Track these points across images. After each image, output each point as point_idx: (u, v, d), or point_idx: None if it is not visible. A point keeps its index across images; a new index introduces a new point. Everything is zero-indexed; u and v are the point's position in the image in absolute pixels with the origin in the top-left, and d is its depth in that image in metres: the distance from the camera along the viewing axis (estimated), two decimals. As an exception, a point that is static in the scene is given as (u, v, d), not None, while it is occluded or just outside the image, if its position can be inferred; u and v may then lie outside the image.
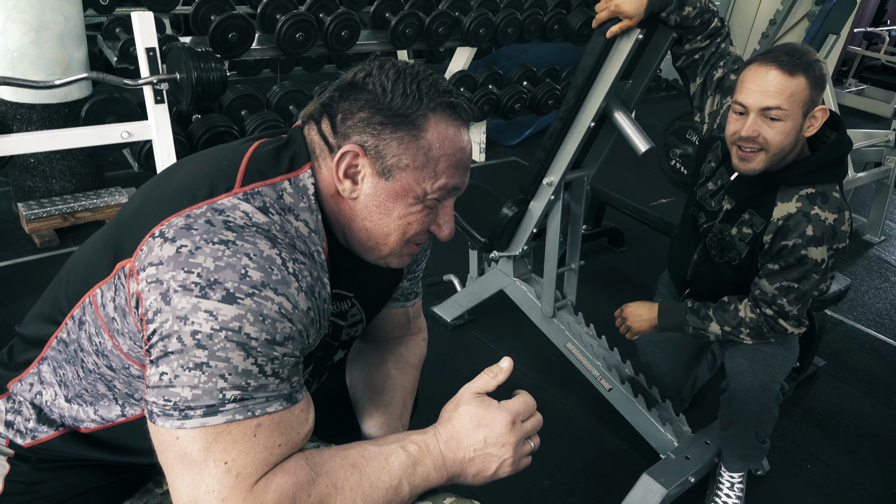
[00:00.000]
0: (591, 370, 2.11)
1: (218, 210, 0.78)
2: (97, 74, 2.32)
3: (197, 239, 0.75)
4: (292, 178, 0.85)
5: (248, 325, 0.73)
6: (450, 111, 0.86)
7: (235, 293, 0.73)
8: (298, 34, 3.14)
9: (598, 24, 1.78)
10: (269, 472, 0.76)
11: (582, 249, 2.28)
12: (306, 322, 0.80)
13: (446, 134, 0.86)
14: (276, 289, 0.76)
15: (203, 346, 0.73)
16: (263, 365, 0.75)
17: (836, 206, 1.55)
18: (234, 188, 0.81)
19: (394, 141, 0.84)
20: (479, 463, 0.88)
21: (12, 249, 2.80)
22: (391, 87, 0.84)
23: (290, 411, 0.80)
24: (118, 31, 3.24)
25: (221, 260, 0.74)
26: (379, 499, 0.82)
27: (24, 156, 2.80)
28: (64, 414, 0.94)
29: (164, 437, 0.76)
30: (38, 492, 0.95)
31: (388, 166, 0.85)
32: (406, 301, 1.19)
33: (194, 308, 0.73)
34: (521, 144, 4.63)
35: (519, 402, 0.90)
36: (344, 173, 0.86)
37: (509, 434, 0.87)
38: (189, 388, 0.73)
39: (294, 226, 0.83)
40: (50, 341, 0.92)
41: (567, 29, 4.23)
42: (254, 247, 0.76)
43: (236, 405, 0.75)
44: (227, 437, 0.74)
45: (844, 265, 3.57)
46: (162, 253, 0.75)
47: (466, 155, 0.90)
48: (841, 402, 2.49)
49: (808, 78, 1.47)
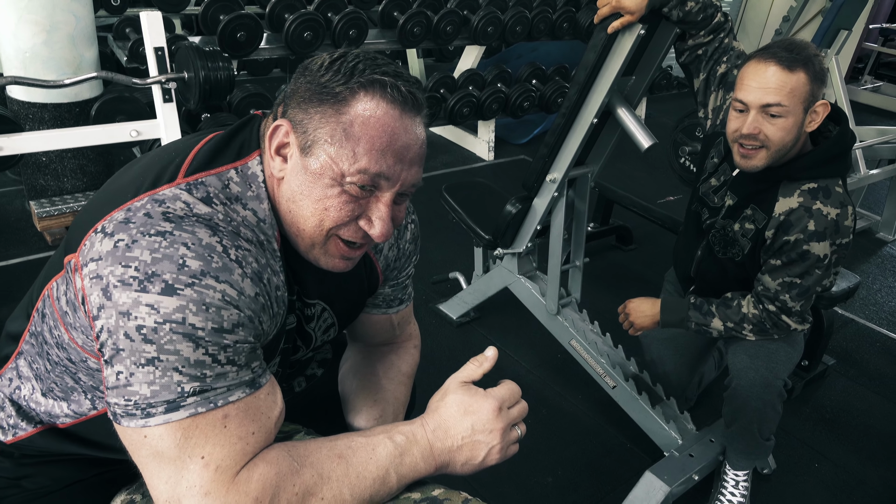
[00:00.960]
0: (596, 367, 2.10)
1: (158, 201, 0.77)
2: (107, 74, 2.35)
3: (134, 232, 0.74)
4: (239, 167, 0.84)
5: (192, 316, 0.72)
6: (381, 91, 0.80)
7: (175, 284, 0.72)
8: (307, 33, 3.16)
9: (599, 20, 1.78)
10: (251, 463, 0.76)
11: (590, 247, 2.27)
12: (255, 308, 0.78)
13: (373, 113, 0.79)
14: (218, 276, 0.74)
15: (150, 340, 0.72)
16: (216, 354, 0.74)
17: (839, 200, 1.54)
18: (178, 178, 0.80)
19: (317, 115, 0.80)
20: (468, 451, 0.87)
21: (25, 247, 2.84)
22: (328, 64, 0.82)
23: (256, 397, 0.79)
24: (128, 31, 3.27)
25: (158, 252, 0.73)
26: (366, 489, 0.82)
27: (36, 155, 2.83)
28: (41, 409, 0.94)
29: (132, 436, 0.75)
30: (22, 486, 0.96)
31: (308, 141, 0.81)
32: (388, 308, 1.15)
33: (135, 303, 0.72)
34: (530, 143, 4.62)
35: (504, 389, 0.90)
36: (276, 150, 0.83)
37: (496, 420, 0.87)
38: (146, 385, 0.73)
39: (241, 215, 0.82)
40: (24, 335, 0.93)
41: (576, 27, 4.22)
42: (192, 236, 0.75)
43: (197, 398, 0.74)
44: (197, 431, 0.74)
45: (857, 263, 3.53)
46: (101, 248, 0.75)
47: (398, 141, 0.81)
48: (850, 400, 2.46)
49: (807, 73, 1.45)
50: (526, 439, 0.93)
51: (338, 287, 1.00)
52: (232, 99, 3.20)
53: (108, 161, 3.11)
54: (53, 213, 2.81)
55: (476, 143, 4.38)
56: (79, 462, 0.98)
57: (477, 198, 2.56)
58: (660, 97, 5.55)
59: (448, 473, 0.90)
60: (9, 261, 2.73)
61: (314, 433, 1.08)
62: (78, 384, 0.90)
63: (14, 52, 2.64)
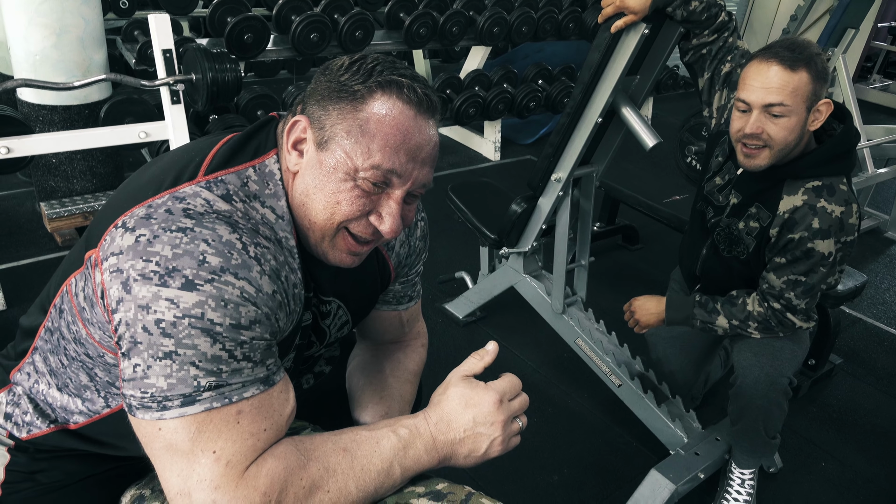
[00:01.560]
0: (601, 366, 2.10)
1: (179, 198, 0.79)
2: (115, 76, 2.38)
3: (155, 228, 0.76)
4: (257, 165, 0.86)
5: (211, 311, 0.73)
6: (398, 91, 0.82)
7: (195, 280, 0.73)
8: (313, 35, 3.18)
9: (603, 20, 1.79)
10: (260, 458, 0.77)
11: (596, 247, 2.28)
12: (273, 305, 0.80)
13: (389, 112, 0.82)
14: (237, 273, 0.75)
15: (168, 334, 0.73)
16: (233, 350, 0.76)
17: (844, 198, 1.54)
18: (198, 177, 0.82)
19: (334, 111, 0.82)
20: (470, 443, 0.88)
21: (35, 248, 2.87)
22: (348, 65, 0.85)
23: (269, 394, 0.80)
24: (136, 34, 3.30)
25: (179, 247, 0.74)
26: (371, 481, 0.83)
27: (46, 156, 2.86)
28: (56, 405, 0.96)
29: (147, 429, 0.76)
30: (37, 480, 0.98)
31: (325, 136, 0.83)
32: (398, 304, 1.16)
33: (155, 297, 0.73)
34: (536, 143, 4.63)
35: (505, 381, 0.91)
36: (292, 145, 0.86)
37: (497, 413, 0.88)
38: (163, 378, 0.74)
39: (260, 212, 0.83)
40: (39, 331, 0.94)
41: (582, 27, 4.22)
42: (213, 232, 0.76)
43: (213, 392, 0.75)
44: (210, 425, 0.75)
45: (864, 262, 3.52)
46: (122, 242, 0.76)
47: (412, 140, 0.83)
48: (857, 399, 2.46)
49: (810, 72, 1.46)
50: (532, 437, 0.94)
51: (352, 285, 1.01)
52: (239, 100, 3.23)
53: (117, 163, 3.14)
54: (63, 214, 2.84)
55: (482, 143, 4.39)
56: (91, 458, 0.99)
57: (482, 197, 2.57)
58: (666, 97, 5.54)
59: (451, 466, 0.91)
60: (20, 262, 2.76)
61: (320, 430, 1.09)
62: (93, 381, 0.91)
63: (24, 54, 2.67)
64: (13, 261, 2.76)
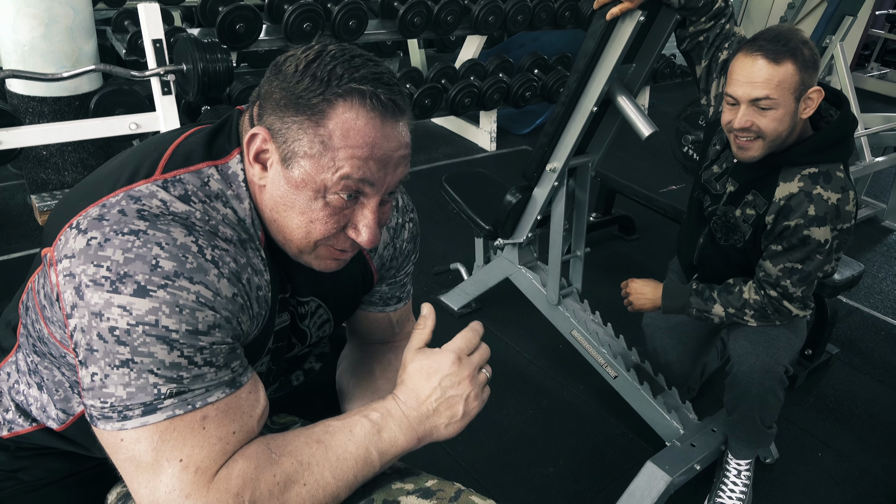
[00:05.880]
0: (597, 357, 2.09)
1: (134, 198, 0.76)
2: (105, 66, 2.35)
3: (107, 230, 0.73)
4: (220, 165, 0.82)
5: (165, 318, 0.71)
6: (360, 101, 0.77)
7: (147, 286, 0.70)
8: (306, 24, 3.15)
9: (598, 6, 1.76)
10: (230, 460, 0.76)
11: (592, 237, 2.26)
12: (233, 309, 0.77)
13: (353, 125, 0.76)
14: (192, 277, 0.73)
15: (123, 342, 0.70)
16: (192, 356, 0.73)
17: (840, 185, 1.53)
18: (155, 174, 0.79)
19: (294, 125, 0.77)
20: (445, 410, 0.87)
21: (27, 241, 2.85)
22: (303, 68, 0.78)
23: (237, 396, 0.78)
24: (127, 24, 3.27)
25: (131, 252, 0.71)
26: (349, 469, 0.81)
27: (36, 148, 2.83)
28: (35, 405, 0.94)
29: (109, 439, 0.74)
30: (19, 478, 0.97)
31: (288, 153, 0.78)
32: (385, 306, 1.13)
33: (107, 303, 0.70)
34: (532, 133, 4.60)
35: (458, 339, 0.90)
36: (254, 157, 0.81)
37: (460, 370, 0.87)
38: (122, 387, 0.72)
39: (221, 213, 0.80)
40: (19, 328, 0.92)
41: (578, 16, 4.19)
42: (166, 235, 0.73)
43: (174, 400, 0.73)
44: (174, 433, 0.73)
45: (862, 251, 3.51)
46: (74, 245, 0.73)
47: (380, 150, 0.78)
48: (854, 389, 2.45)
49: (795, 63, 1.44)
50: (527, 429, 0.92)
51: (332, 282, 0.99)
52: (231, 91, 3.19)
53: (108, 154, 3.11)
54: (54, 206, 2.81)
55: (478, 133, 4.37)
56: (75, 455, 0.98)
57: (477, 188, 2.55)
58: (663, 86, 5.51)
59: (437, 440, 0.88)
60: (10, 255, 2.74)
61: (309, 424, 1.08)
62: (65, 378, 0.90)
63: (13, 45, 2.64)
64: (4, 254, 2.74)
